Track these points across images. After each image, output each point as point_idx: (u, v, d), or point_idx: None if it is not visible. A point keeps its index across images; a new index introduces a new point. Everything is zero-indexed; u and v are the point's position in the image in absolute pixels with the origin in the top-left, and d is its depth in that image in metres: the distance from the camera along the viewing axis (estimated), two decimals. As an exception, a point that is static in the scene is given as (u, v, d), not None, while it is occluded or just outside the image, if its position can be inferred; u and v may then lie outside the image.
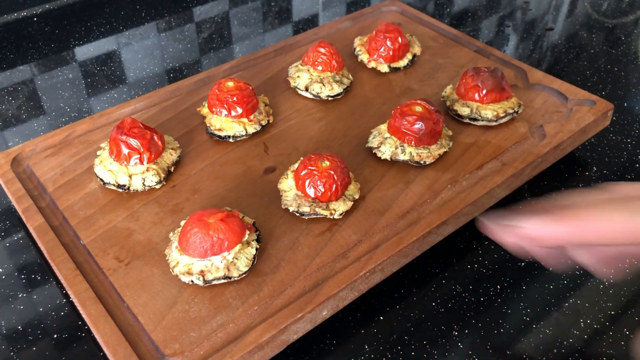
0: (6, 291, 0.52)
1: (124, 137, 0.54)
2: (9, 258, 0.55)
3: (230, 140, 0.61)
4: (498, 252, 0.56)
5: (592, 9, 1.00)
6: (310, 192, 0.52)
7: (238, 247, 0.47)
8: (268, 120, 0.63)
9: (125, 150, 0.54)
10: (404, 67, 0.72)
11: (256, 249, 0.48)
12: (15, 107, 0.75)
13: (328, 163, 0.52)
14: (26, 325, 0.50)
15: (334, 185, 0.52)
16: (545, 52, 0.88)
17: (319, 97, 0.67)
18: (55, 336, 0.49)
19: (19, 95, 0.77)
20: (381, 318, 0.51)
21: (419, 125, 0.56)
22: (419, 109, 0.57)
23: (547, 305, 0.52)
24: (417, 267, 0.55)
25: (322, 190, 0.51)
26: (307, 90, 0.67)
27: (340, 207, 0.52)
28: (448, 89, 0.67)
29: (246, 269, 0.47)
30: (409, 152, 0.57)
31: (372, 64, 0.72)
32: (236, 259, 0.47)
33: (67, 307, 0.51)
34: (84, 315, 0.46)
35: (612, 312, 0.51)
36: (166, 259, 0.49)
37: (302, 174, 0.52)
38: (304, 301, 0.46)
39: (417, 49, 0.73)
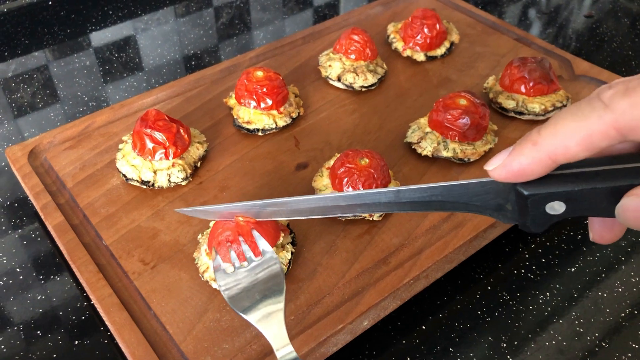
0: (21, 282, 0.50)
1: (148, 131, 0.51)
2: (24, 249, 0.52)
3: (260, 133, 0.57)
4: (547, 255, 0.53)
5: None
6: (348, 191, 0.48)
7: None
8: (298, 113, 0.59)
9: (149, 145, 0.51)
10: (441, 55, 0.68)
11: (292, 253, 0.45)
12: (30, 94, 0.72)
13: (367, 161, 0.48)
14: (41, 316, 0.47)
15: (374, 185, 0.48)
16: (587, 41, 0.84)
17: (352, 87, 0.63)
18: (69, 326, 0.46)
19: (34, 83, 0.73)
20: (423, 327, 0.47)
21: (464, 119, 0.52)
22: (463, 102, 0.53)
23: (601, 314, 0.48)
24: (459, 272, 0.51)
25: (361, 189, 0.48)
26: (339, 80, 0.63)
27: (380, 208, 0.48)
28: (490, 80, 0.62)
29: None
30: (452, 149, 0.53)
31: (407, 53, 0.67)
32: (271, 264, 0.43)
33: (80, 298, 0.48)
34: (108, 323, 0.43)
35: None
36: (195, 262, 0.45)
37: (339, 172, 0.48)
38: (344, 311, 0.43)
39: (454, 37, 0.69)
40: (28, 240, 0.53)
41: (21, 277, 0.50)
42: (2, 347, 0.45)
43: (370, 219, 0.49)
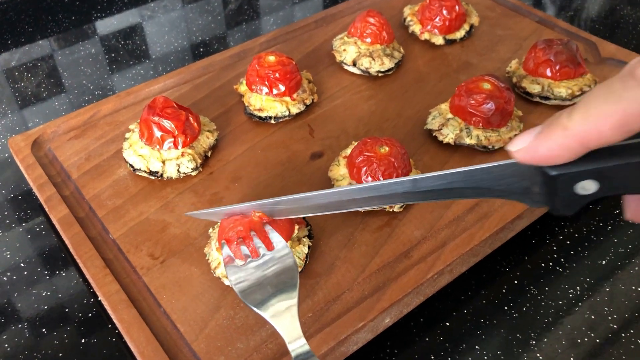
0: (26, 277, 0.48)
1: (156, 119, 0.48)
2: (28, 243, 0.51)
3: (272, 121, 0.55)
4: (575, 247, 0.50)
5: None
6: (367, 181, 0.46)
7: (288, 244, 0.41)
8: (312, 99, 0.57)
9: (157, 133, 0.49)
10: (461, 39, 0.65)
11: (309, 247, 0.42)
12: (35, 84, 0.70)
13: (387, 149, 0.46)
14: (46, 313, 0.45)
15: (394, 175, 0.45)
16: (610, 23, 0.80)
17: (368, 72, 0.60)
18: (75, 323, 0.45)
19: (39, 72, 0.72)
20: (447, 324, 0.45)
21: (488, 104, 0.49)
22: (487, 86, 0.51)
23: (636, 309, 0.45)
24: (483, 265, 0.49)
25: (381, 179, 0.45)
26: (354, 65, 0.60)
27: (401, 199, 0.46)
28: (513, 64, 0.59)
29: (298, 270, 0.41)
30: (475, 136, 0.50)
31: (425, 36, 0.65)
32: (287, 258, 0.41)
33: (87, 294, 0.46)
34: (115, 321, 0.41)
35: None
36: (206, 258, 0.43)
37: (357, 161, 0.46)
38: (364, 308, 0.40)
39: (474, 19, 0.66)
40: (33, 234, 0.51)
41: (25, 273, 0.48)
42: (6, 345, 0.43)
43: (391, 210, 0.46)
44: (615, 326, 0.44)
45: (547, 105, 0.56)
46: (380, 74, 0.60)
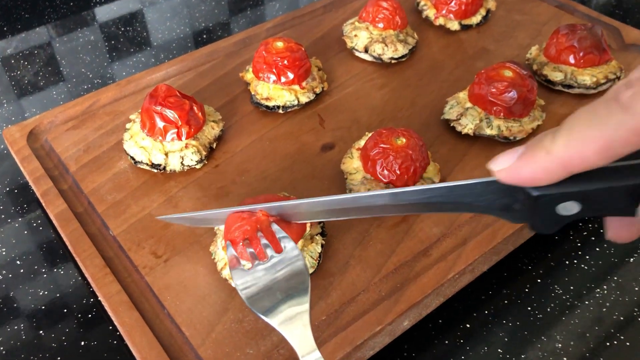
0: (22, 275, 0.46)
1: (158, 108, 0.46)
2: (25, 239, 0.48)
3: (280, 111, 0.52)
4: (601, 244, 0.47)
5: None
6: (384, 175, 0.43)
7: (300, 244, 0.38)
8: (322, 88, 0.54)
9: (160, 124, 0.46)
10: (477, 24, 0.62)
11: (322, 245, 0.40)
12: (32, 73, 0.67)
13: (404, 140, 0.43)
14: (43, 313, 0.43)
15: (412, 167, 0.43)
16: (630, 9, 0.77)
17: (381, 59, 0.57)
18: (74, 325, 0.42)
19: (36, 60, 0.69)
20: (467, 326, 0.42)
21: (510, 93, 0.47)
22: (509, 73, 0.48)
23: (668, 311, 0.43)
24: (504, 263, 0.46)
25: (398, 173, 0.42)
26: (366, 51, 0.57)
27: (418, 193, 0.43)
28: (534, 50, 0.57)
29: (311, 270, 0.39)
30: (496, 126, 0.48)
31: (440, 21, 0.62)
32: (299, 258, 0.38)
33: (86, 293, 0.44)
34: (116, 324, 0.39)
35: None
36: (212, 257, 0.40)
37: (372, 153, 0.43)
38: (382, 310, 0.38)
39: (491, 4, 0.63)
40: (29, 230, 0.49)
41: (22, 271, 0.46)
42: (1, 348, 0.41)
43: (407, 205, 0.44)
44: (645, 328, 0.42)
45: (570, 94, 0.53)
46: (393, 61, 0.57)
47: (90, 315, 0.43)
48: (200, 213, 0.39)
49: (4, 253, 0.47)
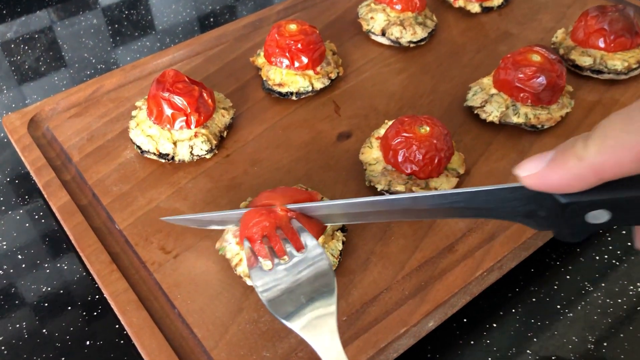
0: (23, 269, 0.44)
1: (166, 94, 0.43)
2: (26, 231, 0.46)
3: (293, 97, 0.50)
4: (631, 238, 0.45)
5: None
6: (406, 166, 0.40)
7: (320, 240, 0.36)
8: (337, 73, 0.52)
9: (168, 111, 0.44)
10: (498, 6, 0.60)
11: (343, 242, 0.37)
12: (33, 58, 0.65)
13: (428, 129, 0.41)
14: (46, 310, 0.41)
15: (437, 158, 0.40)
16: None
17: (399, 43, 0.55)
18: (79, 323, 0.40)
19: (37, 45, 0.67)
20: (494, 325, 0.40)
21: (539, 79, 0.44)
22: (537, 57, 0.45)
23: None
24: (532, 258, 0.44)
25: (422, 163, 0.40)
26: (383, 35, 0.55)
27: (443, 185, 0.41)
28: (559, 34, 0.54)
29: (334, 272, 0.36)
30: (523, 114, 0.45)
31: (459, 3, 0.60)
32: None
33: (92, 289, 0.42)
34: (124, 324, 0.36)
35: None
36: (221, 253, 0.38)
37: (394, 142, 0.41)
38: (406, 311, 0.35)
39: (513, -15, 0.60)
40: (31, 221, 0.47)
41: (23, 266, 0.44)
42: (2, 348, 0.39)
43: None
44: (683, 328, 0.40)
45: (599, 79, 0.51)
46: (411, 45, 0.55)
47: (95, 313, 0.41)
48: (207, 215, 0.37)
49: (4, 246, 0.45)
